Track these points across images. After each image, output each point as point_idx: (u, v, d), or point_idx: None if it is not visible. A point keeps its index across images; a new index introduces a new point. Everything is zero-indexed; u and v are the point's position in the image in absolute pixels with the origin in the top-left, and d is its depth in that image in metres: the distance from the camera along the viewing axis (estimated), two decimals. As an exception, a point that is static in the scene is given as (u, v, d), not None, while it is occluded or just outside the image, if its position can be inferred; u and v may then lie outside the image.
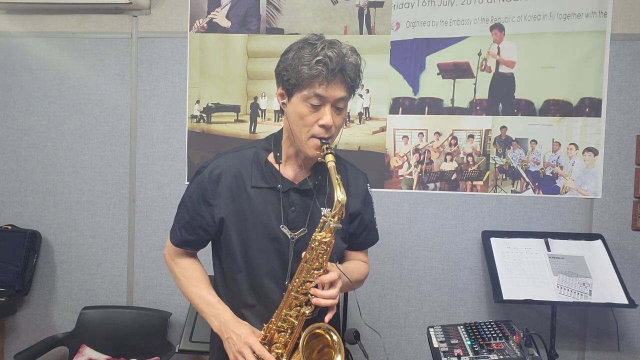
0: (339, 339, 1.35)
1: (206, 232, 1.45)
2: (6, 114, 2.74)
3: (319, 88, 1.28)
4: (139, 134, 2.68)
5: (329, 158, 1.29)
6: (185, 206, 1.47)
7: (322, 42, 1.29)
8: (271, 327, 1.37)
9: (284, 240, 1.39)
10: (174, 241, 1.50)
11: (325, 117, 1.30)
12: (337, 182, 1.26)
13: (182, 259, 1.52)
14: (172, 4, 2.65)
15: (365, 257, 1.63)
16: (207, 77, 2.62)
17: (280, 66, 1.35)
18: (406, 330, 2.57)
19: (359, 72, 1.35)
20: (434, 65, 2.52)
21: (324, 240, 1.29)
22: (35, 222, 2.73)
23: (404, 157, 2.55)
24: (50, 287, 2.74)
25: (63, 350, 2.55)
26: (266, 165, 1.42)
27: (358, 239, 1.56)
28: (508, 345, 1.76)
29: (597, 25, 2.42)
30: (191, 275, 1.49)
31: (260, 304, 1.43)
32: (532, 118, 2.47)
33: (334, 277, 1.31)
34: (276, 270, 1.41)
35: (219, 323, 1.39)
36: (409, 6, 2.52)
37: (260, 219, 1.39)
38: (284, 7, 2.59)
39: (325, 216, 1.29)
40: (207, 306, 1.43)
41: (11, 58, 2.73)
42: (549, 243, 2.32)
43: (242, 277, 1.42)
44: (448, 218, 2.54)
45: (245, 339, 1.33)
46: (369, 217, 1.58)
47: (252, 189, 1.40)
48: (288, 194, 1.40)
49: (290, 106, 1.34)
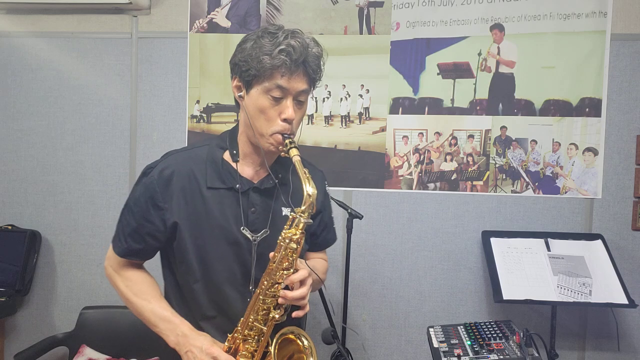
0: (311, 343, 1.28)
1: (156, 240, 1.32)
2: (6, 114, 2.74)
3: (280, 79, 1.21)
4: (139, 134, 2.68)
5: (294, 152, 1.21)
6: (130, 211, 1.33)
7: (284, 32, 1.22)
8: (237, 336, 1.26)
9: (244, 244, 1.30)
10: (119, 251, 1.35)
11: (287, 110, 1.23)
12: (305, 176, 1.19)
13: (127, 270, 1.37)
14: (172, 4, 2.65)
15: (325, 255, 1.59)
16: (207, 77, 2.62)
17: (237, 56, 1.27)
18: (406, 330, 2.57)
19: (320, 64, 1.27)
20: (434, 65, 2.52)
21: (294, 237, 1.21)
22: (35, 222, 2.73)
23: (404, 157, 2.55)
24: (50, 287, 2.74)
25: (63, 350, 2.54)
26: (222, 164, 1.32)
27: (318, 238, 1.50)
28: (508, 345, 1.76)
29: (597, 25, 2.42)
30: (139, 288, 1.35)
31: (220, 315, 1.32)
32: (532, 118, 2.47)
33: (304, 274, 1.24)
34: (237, 277, 1.31)
35: (176, 337, 1.27)
36: (409, 6, 2.52)
37: (217, 222, 1.29)
38: (284, 7, 2.59)
39: (295, 212, 1.22)
40: (160, 321, 1.30)
41: (11, 58, 2.73)
42: (549, 243, 2.32)
43: (199, 286, 1.30)
44: (448, 218, 2.54)
45: (207, 350, 1.22)
46: (328, 216, 1.52)
47: (208, 190, 1.29)
48: (247, 194, 1.31)
49: (248, 99, 1.26)
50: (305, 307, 1.27)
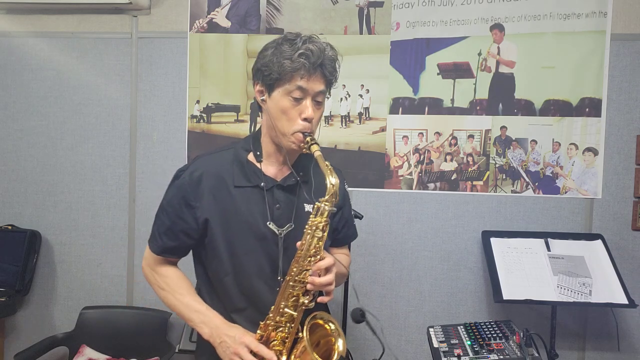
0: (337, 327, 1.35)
1: (189, 237, 1.42)
2: (6, 114, 2.74)
3: (300, 80, 1.30)
4: (139, 134, 2.68)
5: (315, 148, 1.30)
6: (164, 212, 1.43)
7: (302, 38, 1.31)
8: (268, 323, 1.33)
9: (271, 238, 1.38)
10: (155, 249, 1.45)
11: (307, 109, 1.32)
12: (327, 168, 1.28)
13: (163, 268, 1.47)
14: (172, 4, 2.65)
15: (347, 251, 1.66)
16: (207, 77, 2.62)
17: (258, 63, 1.36)
18: (406, 330, 2.57)
19: (336, 67, 1.36)
20: (434, 65, 2.52)
21: (320, 225, 1.29)
22: (35, 222, 2.73)
23: (404, 157, 2.55)
24: (50, 287, 2.74)
25: (63, 350, 2.55)
26: (247, 165, 1.41)
27: (339, 234, 1.57)
28: (508, 345, 1.76)
29: (597, 25, 2.42)
30: (175, 284, 1.45)
31: (251, 307, 1.40)
32: (532, 118, 2.47)
33: (330, 262, 1.31)
34: (265, 270, 1.39)
35: (210, 329, 1.36)
36: (409, 6, 2.52)
37: (245, 218, 1.38)
38: (284, 7, 2.59)
39: (319, 201, 1.30)
40: (195, 314, 1.39)
41: (11, 58, 2.73)
42: (549, 243, 2.32)
43: (229, 279, 1.39)
44: (448, 218, 2.54)
45: (240, 339, 1.31)
46: (348, 213, 1.60)
47: (235, 188, 1.39)
48: (272, 192, 1.40)
49: (270, 102, 1.35)
50: (330, 293, 1.33)
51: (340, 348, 1.32)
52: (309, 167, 1.43)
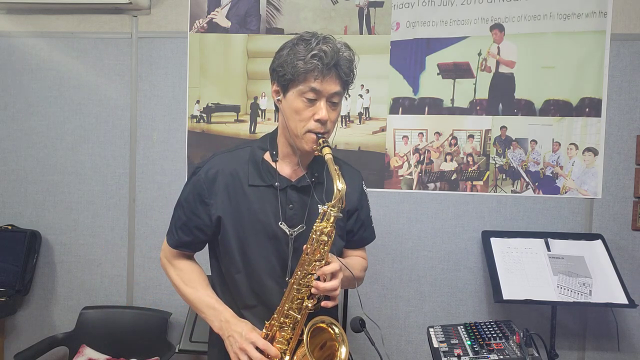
0: (341, 331, 1.35)
1: (203, 233, 1.44)
2: (6, 114, 2.74)
3: (314, 82, 1.29)
4: (139, 134, 2.68)
5: (326, 151, 1.30)
6: (181, 207, 1.46)
7: (317, 38, 1.31)
8: (273, 323, 1.36)
9: (282, 238, 1.39)
10: (171, 242, 1.49)
11: (320, 111, 1.31)
12: (336, 173, 1.27)
13: (179, 260, 1.51)
14: (172, 4, 2.65)
15: (364, 253, 1.64)
16: (207, 77, 2.62)
17: (275, 63, 1.36)
18: (406, 330, 2.57)
19: (352, 67, 1.36)
20: (434, 65, 2.52)
21: (325, 230, 1.29)
22: (35, 222, 2.73)
23: (404, 157, 2.55)
24: (50, 287, 2.74)
25: (63, 350, 2.55)
26: (263, 164, 1.42)
27: (355, 236, 1.56)
28: (508, 345, 1.76)
29: (597, 25, 2.42)
30: (189, 277, 1.48)
31: (260, 305, 1.42)
32: (532, 118, 2.47)
33: (335, 267, 1.31)
34: (275, 269, 1.40)
35: (220, 323, 1.39)
36: (409, 6, 2.52)
37: (258, 217, 1.39)
38: (284, 7, 2.59)
39: (326, 206, 1.30)
40: (206, 307, 1.43)
41: (11, 58, 2.73)
42: (549, 243, 2.32)
43: (240, 277, 1.42)
44: (448, 218, 2.54)
45: (247, 336, 1.33)
46: (365, 214, 1.58)
47: (249, 187, 1.40)
48: (285, 192, 1.41)
49: (285, 102, 1.35)
50: (335, 299, 1.34)
51: (343, 355, 1.33)
52: (324, 168, 1.42)
